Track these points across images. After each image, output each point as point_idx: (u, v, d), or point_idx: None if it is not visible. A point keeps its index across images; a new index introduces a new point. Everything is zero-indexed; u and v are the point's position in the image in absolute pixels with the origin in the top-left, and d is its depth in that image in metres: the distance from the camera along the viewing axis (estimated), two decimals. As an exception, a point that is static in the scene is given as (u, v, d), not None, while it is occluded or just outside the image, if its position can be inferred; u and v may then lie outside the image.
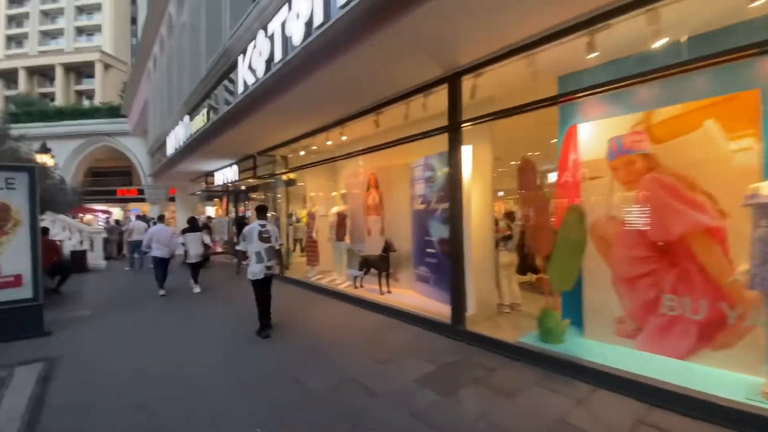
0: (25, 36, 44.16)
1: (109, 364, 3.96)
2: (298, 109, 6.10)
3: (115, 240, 14.71)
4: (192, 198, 17.82)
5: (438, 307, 5.20)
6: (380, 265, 6.19)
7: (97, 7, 44.10)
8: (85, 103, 35.63)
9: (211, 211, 17.94)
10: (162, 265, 7.54)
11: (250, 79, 5.88)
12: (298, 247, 11.72)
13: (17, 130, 17.29)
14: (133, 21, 46.40)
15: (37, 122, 22.11)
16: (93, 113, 23.66)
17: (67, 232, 11.98)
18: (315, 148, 7.76)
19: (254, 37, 5.65)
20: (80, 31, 44.46)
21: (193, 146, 9.70)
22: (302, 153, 8.25)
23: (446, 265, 5.25)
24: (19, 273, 4.68)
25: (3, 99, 36.13)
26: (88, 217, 18.48)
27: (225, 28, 7.08)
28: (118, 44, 43.74)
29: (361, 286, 6.73)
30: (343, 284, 7.06)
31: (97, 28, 44.26)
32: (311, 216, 8.08)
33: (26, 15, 44.24)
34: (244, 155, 10.23)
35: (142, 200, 22.61)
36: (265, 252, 4.67)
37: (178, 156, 11.15)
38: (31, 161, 9.15)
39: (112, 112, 23.37)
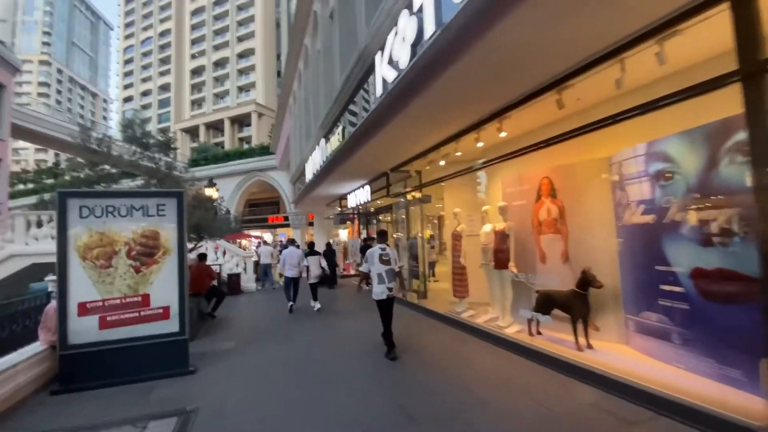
0: (203, 99, 56.26)
1: (244, 428, 3.14)
2: (447, 103, 4.86)
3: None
4: (328, 222, 18.54)
5: (702, 386, 3.09)
6: (575, 306, 4.30)
7: (252, 68, 53.30)
8: (245, 146, 42.60)
9: (343, 234, 18.27)
10: (291, 283, 8.36)
11: (391, 76, 4.92)
12: (430, 271, 10.49)
13: (199, 172, 21.47)
14: (279, 74, 54.65)
15: (211, 164, 26.97)
16: (249, 153, 27.69)
17: (227, 256, 13.24)
18: (459, 154, 6.41)
19: (395, 23, 4.68)
20: (240, 89, 54.21)
21: (329, 168, 9.48)
22: (442, 163, 7.02)
23: (711, 314, 3.16)
24: (167, 305, 4.43)
25: (189, 150, 45.78)
26: (244, 242, 20.85)
27: (360, 28, 6.46)
28: (268, 96, 51.63)
29: (538, 333, 4.90)
30: (510, 327, 5.32)
31: (252, 85, 53.32)
32: (456, 236, 6.65)
33: (203, 83, 56.37)
34: (376, 174, 9.59)
35: (287, 226, 25.09)
36: (385, 274, 4.83)
37: (316, 180, 11.26)
38: (200, 194, 10.13)
39: (263, 151, 26.96)
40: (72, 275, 4.07)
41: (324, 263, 8.94)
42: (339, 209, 15.37)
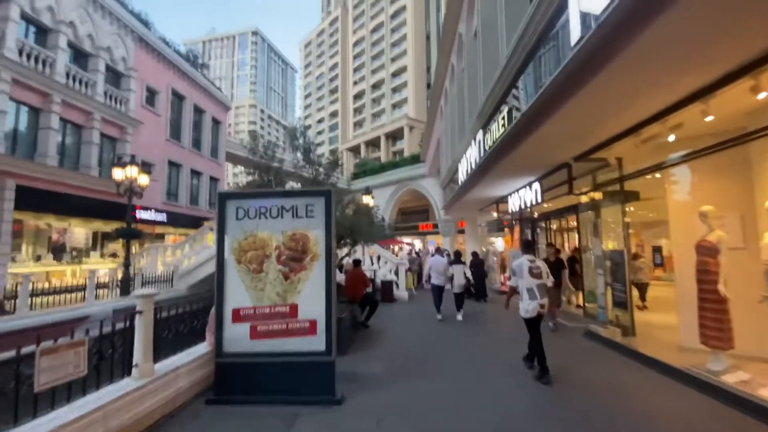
0: (363, 120, 62.13)
1: None
2: (713, 21, 2.90)
3: (416, 271, 15.19)
4: (481, 229, 16.96)
5: None
6: None
7: (404, 85, 55.97)
8: (397, 158, 44.80)
9: (499, 243, 16.29)
10: (439, 291, 8.37)
11: (600, 4, 3.28)
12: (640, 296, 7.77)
13: (359, 184, 23.29)
14: (428, 86, 55.80)
15: (369, 176, 28.99)
16: (401, 164, 28.74)
17: (380, 262, 13.11)
18: (710, 119, 4.09)
19: None
20: (394, 106, 57.55)
21: (487, 165, 8.05)
22: (671, 138, 4.75)
23: None
24: (314, 318, 3.85)
25: (353, 166, 50.89)
26: (396, 248, 21.07)
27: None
28: (418, 109, 53.21)
29: None
30: None
31: (404, 101, 55.91)
32: (706, 250, 4.22)
33: (363, 106, 62.30)
34: (551, 167, 7.64)
35: (437, 233, 24.54)
36: (537, 288, 4.48)
37: (470, 181, 9.97)
38: (357, 201, 10.11)
39: (413, 160, 27.45)
40: (228, 279, 3.91)
41: (469, 273, 8.78)
42: (495, 215, 13.61)
